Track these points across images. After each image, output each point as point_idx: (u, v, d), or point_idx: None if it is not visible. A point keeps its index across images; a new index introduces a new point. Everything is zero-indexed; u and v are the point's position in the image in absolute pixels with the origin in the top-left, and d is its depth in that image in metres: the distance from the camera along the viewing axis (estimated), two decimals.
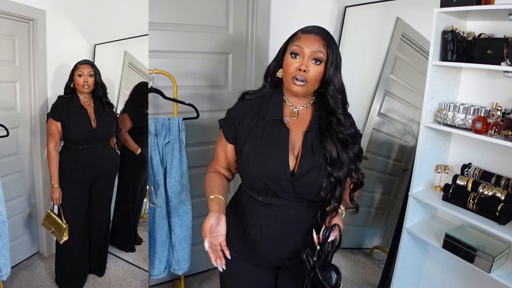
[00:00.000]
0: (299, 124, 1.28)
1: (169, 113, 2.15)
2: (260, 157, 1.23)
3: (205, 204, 2.66)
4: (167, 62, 2.12)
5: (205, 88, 2.30)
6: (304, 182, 1.21)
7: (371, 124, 2.47)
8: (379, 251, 2.66)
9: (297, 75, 1.20)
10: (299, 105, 1.29)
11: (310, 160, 1.22)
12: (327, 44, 1.21)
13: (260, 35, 2.33)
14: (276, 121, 1.26)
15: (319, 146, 1.23)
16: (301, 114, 1.29)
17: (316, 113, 1.28)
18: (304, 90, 1.23)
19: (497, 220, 1.58)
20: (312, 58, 1.20)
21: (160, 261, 2.02)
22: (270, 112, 1.27)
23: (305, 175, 1.21)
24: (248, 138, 1.27)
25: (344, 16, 2.53)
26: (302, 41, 1.21)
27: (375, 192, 2.60)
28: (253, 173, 1.24)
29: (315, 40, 1.21)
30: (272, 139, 1.24)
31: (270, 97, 1.30)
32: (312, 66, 1.20)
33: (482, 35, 1.72)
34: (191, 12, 2.15)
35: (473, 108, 1.67)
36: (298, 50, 1.21)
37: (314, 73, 1.20)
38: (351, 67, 2.52)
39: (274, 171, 1.21)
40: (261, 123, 1.27)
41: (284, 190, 1.22)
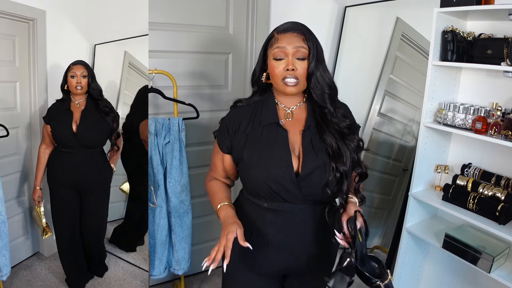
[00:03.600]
0: (295, 124, 1.24)
1: (169, 113, 2.15)
2: (262, 160, 1.19)
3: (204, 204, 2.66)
4: (167, 62, 2.12)
5: (205, 88, 2.30)
6: (310, 182, 1.18)
7: (371, 124, 2.47)
8: (379, 251, 2.66)
9: (287, 76, 1.17)
10: (292, 105, 1.26)
11: (313, 159, 1.18)
12: (307, 38, 1.18)
13: (260, 35, 2.33)
14: (273, 124, 1.23)
15: (319, 143, 1.20)
16: (296, 114, 1.26)
17: (310, 110, 1.25)
18: (298, 89, 1.21)
19: (497, 220, 1.58)
20: (296, 56, 1.17)
21: (160, 261, 2.02)
22: (264, 117, 1.24)
23: (310, 175, 1.17)
24: (246, 143, 1.23)
25: (344, 16, 2.53)
26: (282, 41, 1.18)
27: (375, 192, 2.60)
28: (257, 178, 1.20)
29: (294, 36, 1.18)
30: (272, 142, 1.21)
31: (262, 102, 1.27)
32: (298, 63, 1.17)
33: (482, 35, 1.72)
34: (191, 12, 2.15)
35: (473, 108, 1.67)
36: (280, 51, 1.17)
37: (302, 70, 1.18)
38: (351, 67, 2.53)
39: (278, 173, 1.17)
40: (257, 128, 1.23)
41: (290, 192, 1.18)
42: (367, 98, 2.45)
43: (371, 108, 2.44)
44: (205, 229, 2.51)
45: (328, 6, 2.54)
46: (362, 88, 2.49)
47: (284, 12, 2.38)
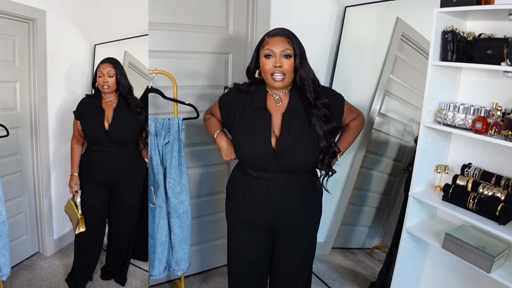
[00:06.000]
0: (280, 108, 1.55)
1: (169, 113, 2.15)
2: (248, 139, 1.53)
3: (205, 204, 2.66)
4: (167, 62, 2.12)
5: (205, 88, 2.30)
6: (284, 157, 1.49)
7: (371, 124, 2.47)
8: (379, 251, 2.66)
9: (275, 72, 1.48)
10: (280, 91, 1.57)
11: (286, 138, 1.50)
12: (291, 41, 1.49)
13: (260, 35, 2.32)
14: (260, 108, 1.55)
15: (296, 125, 1.51)
16: (283, 99, 1.57)
17: (293, 97, 1.55)
18: (284, 84, 1.52)
19: (497, 220, 1.58)
20: (282, 55, 1.48)
21: (160, 261, 2.02)
22: (255, 102, 1.56)
23: (284, 151, 1.49)
24: (238, 124, 1.57)
25: (344, 16, 2.53)
26: (271, 44, 1.49)
27: (375, 192, 2.60)
28: (244, 153, 1.54)
29: (281, 40, 1.48)
30: (257, 124, 1.53)
31: (255, 90, 1.59)
32: (284, 61, 1.48)
33: (482, 35, 1.72)
34: (191, 12, 2.15)
35: (473, 108, 1.67)
36: (270, 52, 1.49)
37: (287, 66, 1.48)
38: (351, 67, 2.53)
39: (259, 149, 1.50)
40: (248, 111, 1.56)
41: (270, 165, 1.51)
42: (367, 98, 2.45)
43: (371, 108, 2.44)
44: (205, 230, 2.51)
45: (328, 6, 2.54)
46: (362, 88, 2.49)
47: (284, 12, 2.38)
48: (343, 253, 2.80)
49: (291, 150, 1.48)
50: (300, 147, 1.49)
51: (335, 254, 2.80)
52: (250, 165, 1.56)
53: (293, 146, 1.48)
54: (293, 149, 1.48)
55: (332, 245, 2.80)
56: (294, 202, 1.57)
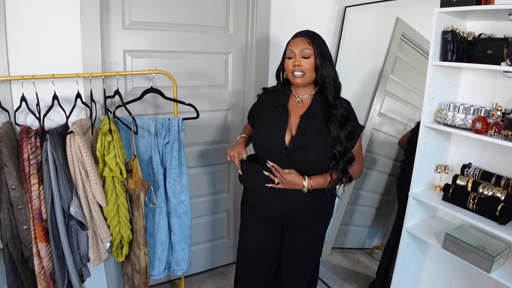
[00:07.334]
0: (300, 110, 1.61)
1: (169, 113, 2.15)
2: (265, 134, 1.61)
3: (204, 204, 2.65)
4: (167, 62, 2.12)
5: (205, 88, 2.30)
6: (296, 156, 1.55)
7: (371, 124, 2.48)
8: (379, 251, 2.66)
9: (294, 70, 1.55)
10: (303, 94, 1.63)
11: (300, 138, 1.54)
12: (312, 41, 1.54)
13: (260, 35, 2.33)
14: (281, 106, 1.62)
15: (313, 127, 1.55)
16: (304, 102, 1.63)
17: (315, 101, 1.60)
18: (304, 80, 1.56)
19: (497, 220, 1.58)
20: (301, 55, 1.54)
21: (160, 261, 2.02)
22: (278, 100, 1.64)
23: (296, 150, 1.54)
24: (259, 120, 1.68)
25: (344, 16, 2.53)
26: (292, 45, 1.57)
27: (375, 192, 2.60)
28: (260, 146, 1.62)
29: (301, 41, 1.55)
30: (276, 121, 1.61)
31: (281, 90, 1.68)
32: (303, 61, 1.54)
33: (482, 35, 1.72)
34: (191, 12, 2.15)
35: (473, 108, 1.67)
36: (290, 52, 1.57)
37: (306, 65, 1.54)
38: (351, 67, 2.53)
39: (274, 145, 1.57)
40: (271, 108, 1.65)
41: (282, 161, 1.56)
42: (367, 98, 2.45)
43: (371, 108, 2.44)
44: (205, 230, 2.51)
45: (328, 6, 2.54)
46: (362, 88, 2.49)
47: (284, 12, 2.38)
48: (343, 253, 2.80)
49: (303, 150, 1.53)
50: (312, 149, 1.53)
51: (335, 254, 2.80)
52: (264, 159, 1.61)
53: (305, 147, 1.53)
54: (304, 150, 1.53)
55: (332, 245, 2.80)
56: (303, 199, 1.60)
